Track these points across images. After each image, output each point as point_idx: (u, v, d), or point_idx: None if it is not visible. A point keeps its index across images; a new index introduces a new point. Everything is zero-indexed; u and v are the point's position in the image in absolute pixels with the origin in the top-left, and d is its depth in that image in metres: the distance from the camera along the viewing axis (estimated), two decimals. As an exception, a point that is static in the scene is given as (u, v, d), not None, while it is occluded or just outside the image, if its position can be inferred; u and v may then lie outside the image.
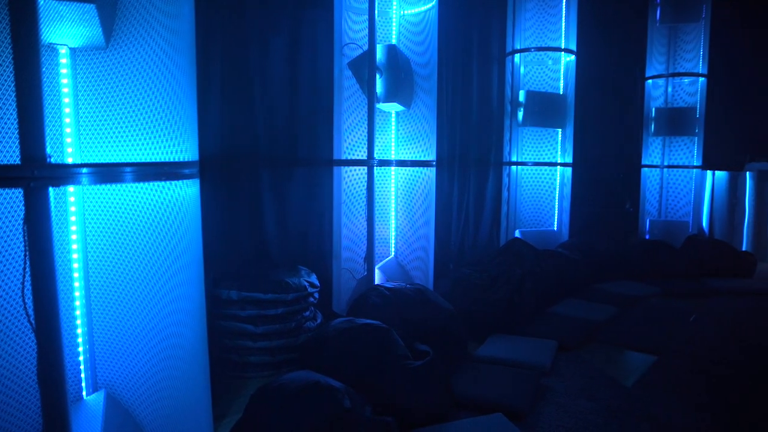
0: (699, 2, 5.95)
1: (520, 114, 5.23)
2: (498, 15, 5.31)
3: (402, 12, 3.82)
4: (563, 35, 5.27)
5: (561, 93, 5.36)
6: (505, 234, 5.40)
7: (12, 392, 1.54)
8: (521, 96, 5.22)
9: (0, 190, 1.49)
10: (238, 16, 3.24)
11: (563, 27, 5.27)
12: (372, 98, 3.31)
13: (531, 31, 5.34)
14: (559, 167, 5.44)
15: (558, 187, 5.46)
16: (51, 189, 1.34)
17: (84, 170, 1.42)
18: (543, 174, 5.51)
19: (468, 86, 5.02)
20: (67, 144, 1.78)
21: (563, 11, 5.27)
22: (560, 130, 5.40)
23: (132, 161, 1.74)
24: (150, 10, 1.65)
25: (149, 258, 1.79)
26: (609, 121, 6.48)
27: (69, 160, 1.78)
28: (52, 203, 1.35)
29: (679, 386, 2.78)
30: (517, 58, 5.34)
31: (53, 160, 1.36)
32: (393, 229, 3.98)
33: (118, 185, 1.79)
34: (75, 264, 1.84)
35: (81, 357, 1.88)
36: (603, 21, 6.23)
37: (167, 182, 1.70)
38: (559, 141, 5.43)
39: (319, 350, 2.42)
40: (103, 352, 1.93)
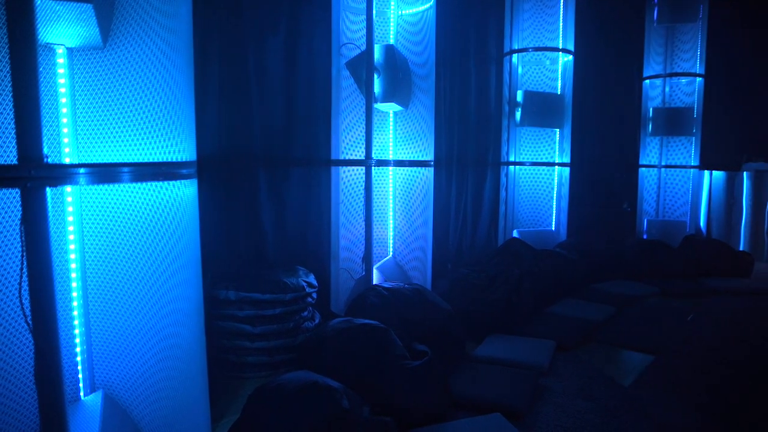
0: (696, 2, 5.97)
1: (518, 114, 5.23)
2: (496, 15, 5.31)
3: (400, 12, 3.82)
4: (561, 35, 5.27)
5: (559, 93, 5.37)
6: (503, 234, 5.40)
7: (9, 393, 1.54)
8: (519, 96, 5.23)
9: (-3, 191, 1.48)
10: (236, 16, 3.24)
11: (561, 27, 5.28)
12: (370, 98, 3.31)
13: (529, 31, 5.34)
14: (557, 167, 5.44)
15: (556, 187, 5.46)
16: (48, 189, 1.34)
17: (81, 170, 1.42)
18: (541, 174, 5.51)
19: (466, 86, 5.02)
20: (65, 144, 1.77)
21: (561, 11, 5.28)
22: (558, 130, 5.40)
23: (129, 161, 1.74)
24: (147, 10, 1.65)
25: (147, 258, 1.78)
26: (607, 121, 6.49)
27: (66, 160, 1.77)
28: (50, 203, 1.35)
29: (677, 386, 2.78)
30: (515, 58, 5.35)
31: (50, 161, 1.35)
32: (391, 229, 3.98)
33: (116, 185, 1.79)
34: (72, 264, 1.83)
35: (78, 357, 1.88)
36: (601, 21, 6.24)
37: (165, 182, 1.70)
38: (557, 141, 5.43)
39: (318, 350, 2.42)
40: (101, 353, 1.92)
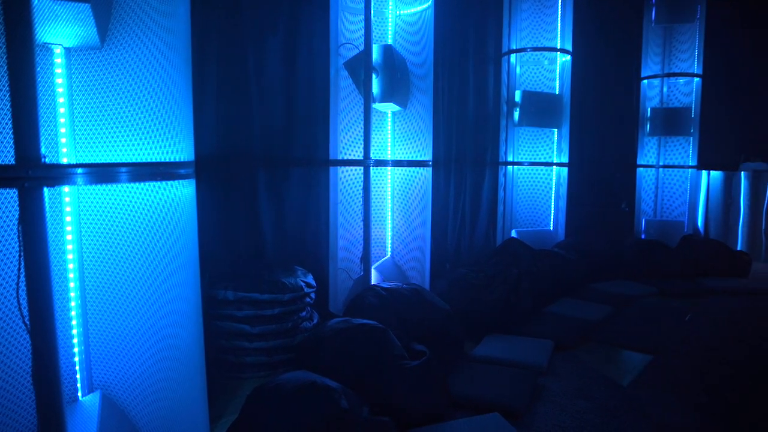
0: (694, 2, 5.98)
1: (516, 114, 5.24)
2: (494, 15, 5.31)
3: (398, 12, 3.82)
4: (559, 35, 5.28)
5: (557, 93, 5.37)
6: (502, 234, 5.40)
7: (7, 393, 1.53)
8: (517, 96, 5.23)
9: (-6, 191, 1.48)
10: (235, 16, 3.23)
11: (559, 27, 5.28)
12: (368, 98, 3.31)
13: (527, 32, 5.35)
14: (555, 167, 5.44)
15: (554, 187, 5.47)
16: (46, 189, 1.34)
17: (79, 170, 1.41)
18: (539, 174, 5.52)
19: (464, 86, 5.03)
20: (62, 144, 1.77)
21: (559, 11, 5.28)
22: (556, 130, 5.41)
23: (127, 161, 1.74)
24: (145, 9, 1.65)
25: (145, 259, 1.78)
26: (605, 121, 6.50)
27: (64, 161, 1.77)
28: (47, 204, 1.35)
29: (676, 386, 2.79)
30: (513, 58, 5.35)
31: (48, 161, 1.35)
32: (389, 229, 3.98)
33: (114, 185, 1.79)
34: (70, 264, 1.83)
35: (76, 358, 1.87)
36: (599, 21, 6.25)
37: (163, 182, 1.69)
38: (555, 141, 5.44)
39: (316, 350, 2.42)
40: (99, 353, 1.92)
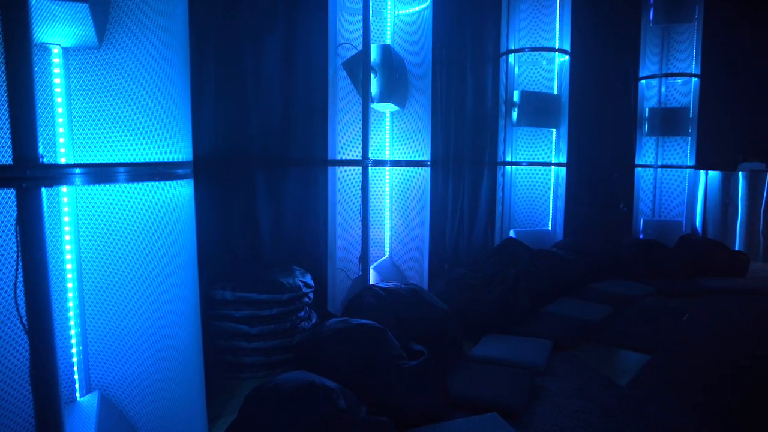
0: (692, 3, 5.99)
1: (515, 114, 5.24)
2: (492, 15, 5.32)
3: (396, 12, 3.82)
4: (557, 35, 5.28)
5: (555, 93, 5.38)
6: (500, 234, 5.41)
7: (5, 394, 1.53)
8: (516, 96, 5.24)
9: (-8, 191, 1.48)
10: (233, 16, 3.23)
11: (557, 27, 5.29)
12: (366, 98, 3.31)
13: (525, 32, 5.35)
14: (554, 167, 5.45)
15: (552, 187, 5.47)
16: (43, 189, 1.33)
17: (77, 170, 1.41)
18: (537, 174, 5.52)
19: (462, 86, 5.03)
20: (60, 144, 1.77)
21: (557, 11, 5.29)
22: (554, 130, 5.41)
23: (125, 161, 1.73)
24: (143, 9, 1.64)
25: (143, 259, 1.78)
26: (603, 121, 6.51)
27: (62, 161, 1.76)
28: (45, 204, 1.34)
29: (674, 385, 2.79)
30: (512, 59, 5.35)
31: (46, 161, 1.35)
32: (388, 229, 3.98)
33: (112, 186, 1.78)
34: (68, 265, 1.82)
35: (74, 358, 1.87)
36: (597, 21, 6.26)
37: (161, 182, 1.69)
38: (554, 141, 5.44)
39: (314, 350, 2.42)
40: (97, 354, 1.92)
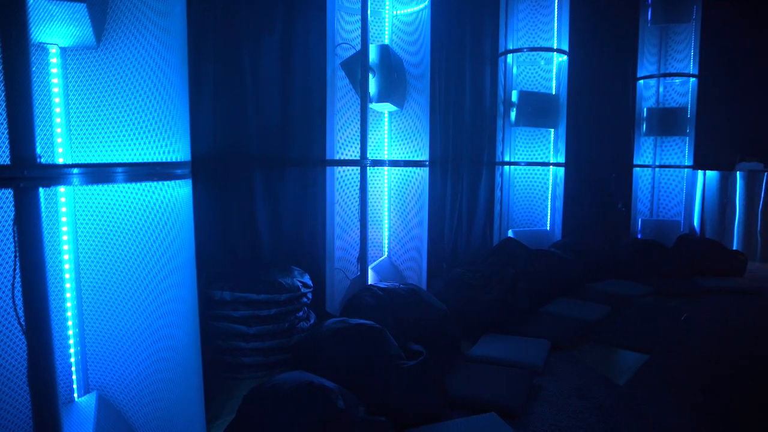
0: (690, 3, 5.99)
1: (513, 114, 5.24)
2: (490, 15, 5.32)
3: (395, 12, 3.83)
4: (555, 35, 5.29)
5: (553, 93, 5.38)
6: (498, 234, 5.41)
7: (2, 394, 1.53)
8: (514, 96, 5.24)
9: (-11, 191, 1.47)
10: (231, 16, 3.23)
11: (555, 27, 5.29)
12: (365, 98, 3.31)
13: (523, 32, 5.35)
14: (552, 167, 5.45)
15: (551, 187, 5.47)
16: (41, 189, 1.33)
17: (75, 170, 1.41)
18: (536, 174, 5.52)
19: (461, 86, 5.03)
20: (58, 144, 1.76)
21: (555, 12, 5.29)
22: (553, 130, 5.42)
23: (124, 161, 1.73)
24: (141, 8, 1.64)
25: (141, 259, 1.77)
26: (601, 121, 6.51)
27: (60, 161, 1.76)
28: (43, 204, 1.34)
29: (672, 385, 2.79)
30: (510, 59, 5.36)
31: (43, 161, 1.34)
32: (386, 230, 3.98)
33: (110, 186, 1.78)
34: (66, 265, 1.82)
35: (72, 358, 1.87)
36: (595, 21, 6.26)
37: (159, 183, 1.69)
38: (552, 141, 5.45)
39: (313, 350, 2.41)
40: (95, 354, 1.91)
